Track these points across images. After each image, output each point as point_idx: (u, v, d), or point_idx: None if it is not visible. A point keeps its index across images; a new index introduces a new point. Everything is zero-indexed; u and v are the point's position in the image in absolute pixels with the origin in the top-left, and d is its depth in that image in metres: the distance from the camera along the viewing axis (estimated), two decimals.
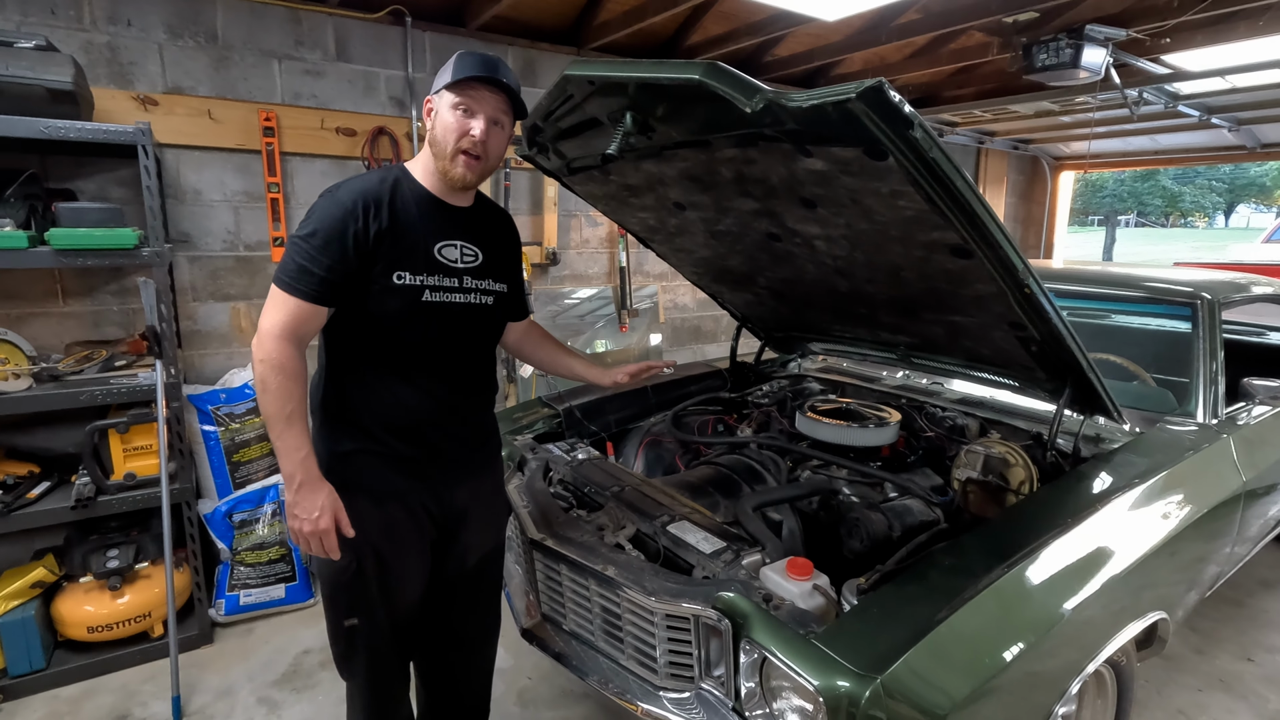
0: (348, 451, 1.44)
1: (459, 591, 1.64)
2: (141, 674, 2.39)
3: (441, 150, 1.38)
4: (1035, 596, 1.35)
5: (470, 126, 1.36)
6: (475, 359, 1.56)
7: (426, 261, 1.41)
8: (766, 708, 1.30)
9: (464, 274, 1.46)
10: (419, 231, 1.40)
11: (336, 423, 1.45)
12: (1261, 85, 4.21)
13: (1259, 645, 2.59)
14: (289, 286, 1.31)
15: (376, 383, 1.43)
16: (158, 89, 2.75)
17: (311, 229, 1.32)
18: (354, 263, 1.33)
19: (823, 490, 1.88)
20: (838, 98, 1.07)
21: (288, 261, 1.32)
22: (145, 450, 2.44)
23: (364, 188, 1.36)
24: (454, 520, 1.57)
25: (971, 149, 6.39)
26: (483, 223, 1.53)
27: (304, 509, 1.31)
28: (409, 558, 1.51)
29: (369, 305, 1.36)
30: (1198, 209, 36.37)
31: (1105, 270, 2.95)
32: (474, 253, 1.48)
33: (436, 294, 1.41)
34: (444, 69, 1.38)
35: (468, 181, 1.40)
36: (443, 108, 1.37)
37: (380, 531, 1.45)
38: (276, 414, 1.29)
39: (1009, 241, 1.33)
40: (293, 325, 1.31)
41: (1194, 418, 2.07)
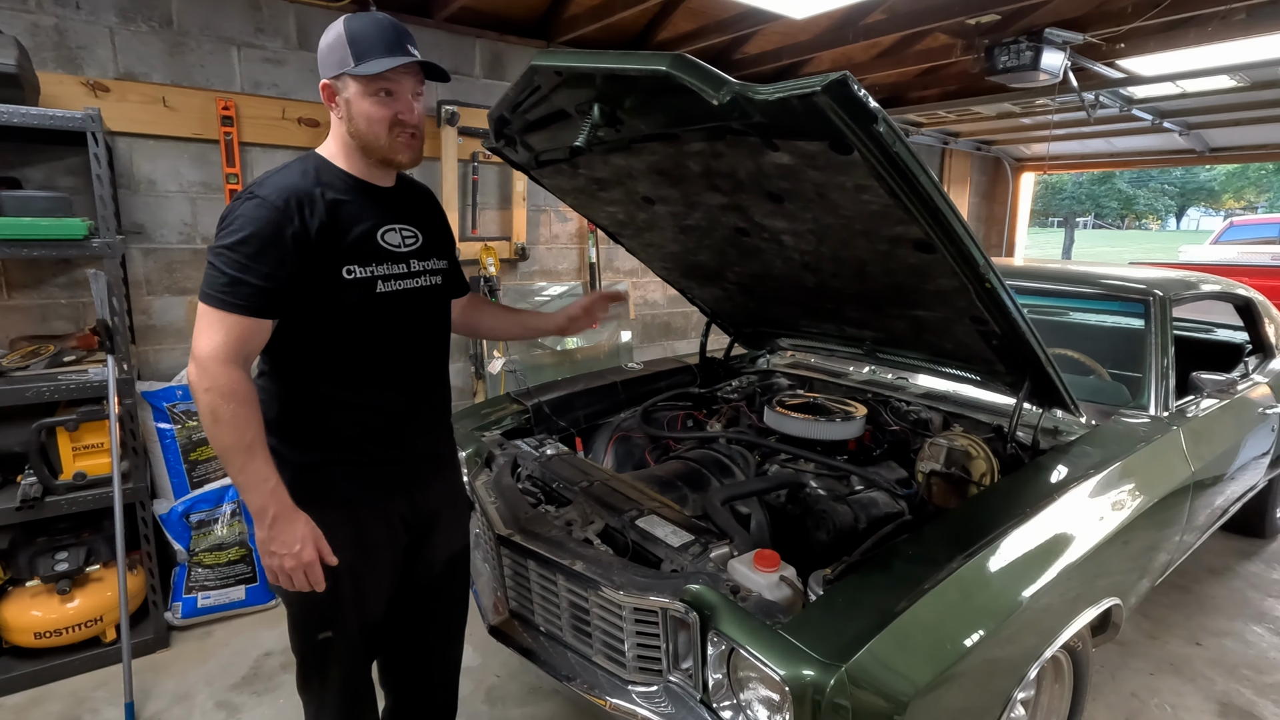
0: (316, 463, 1.35)
1: (428, 593, 1.59)
2: (93, 680, 2.31)
3: (372, 141, 1.29)
4: (995, 585, 1.38)
5: (398, 109, 1.28)
6: (435, 345, 1.50)
7: (373, 251, 1.32)
8: (734, 698, 1.30)
9: (409, 257, 1.39)
10: (358, 220, 1.31)
11: (299, 438, 1.34)
12: (1210, 91, 4.37)
13: (1206, 630, 2.69)
14: (223, 302, 1.18)
15: (339, 388, 1.34)
16: (109, 75, 2.65)
17: (241, 235, 1.19)
18: (296, 266, 1.22)
19: (790, 483, 1.90)
20: (803, 91, 1.07)
21: (216, 275, 1.18)
22: (97, 449, 2.35)
23: (290, 184, 1.24)
24: (426, 522, 1.52)
25: (936, 149, 6.51)
26: (410, 201, 1.46)
27: (282, 544, 1.21)
28: (381, 566, 1.45)
29: (319, 308, 1.27)
30: (1151, 211, 37.61)
31: (1064, 268, 3.03)
32: (413, 233, 1.41)
33: (389, 283, 1.34)
34: (334, 46, 1.25)
35: (415, 162, 1.35)
36: (356, 98, 1.26)
37: (354, 544, 1.37)
38: (234, 445, 1.17)
39: (970, 236, 1.35)
40: (235, 345, 1.19)
41: (1146, 411, 2.13)
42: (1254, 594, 2.95)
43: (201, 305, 1.20)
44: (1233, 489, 2.42)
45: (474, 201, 3.70)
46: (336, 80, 1.28)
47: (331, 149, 1.35)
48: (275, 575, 1.25)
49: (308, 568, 1.23)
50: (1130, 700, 2.29)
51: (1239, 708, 2.27)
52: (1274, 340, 3.01)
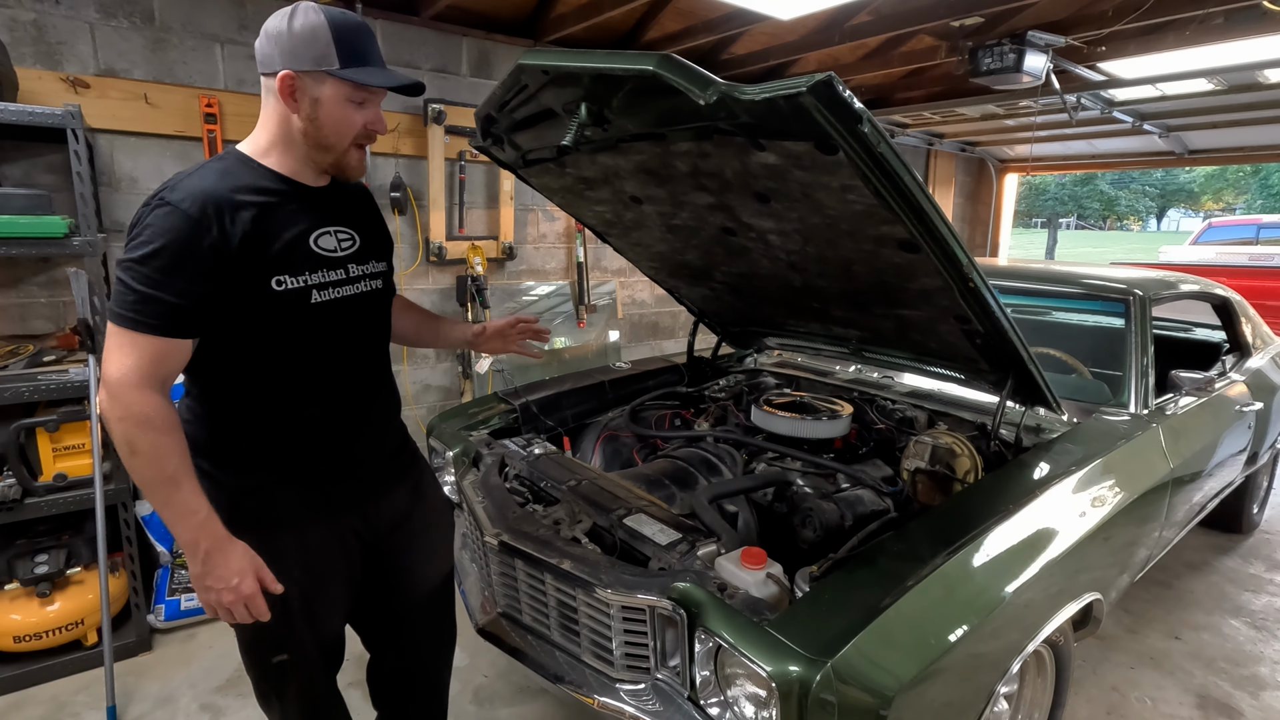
0: (254, 486, 1.26)
1: (411, 604, 1.54)
2: (74, 684, 2.28)
3: (333, 145, 1.21)
4: (979, 580, 1.39)
5: (369, 121, 1.22)
6: (377, 351, 1.41)
7: (305, 258, 1.21)
8: (721, 695, 1.31)
9: (347, 262, 1.28)
10: (288, 225, 1.19)
11: (234, 460, 1.25)
12: (1188, 94, 4.44)
13: (1185, 624, 2.74)
14: (134, 321, 1.06)
15: (275, 406, 1.24)
16: (89, 71, 2.62)
17: (151, 248, 1.06)
18: (216, 280, 1.10)
19: (777, 482, 1.91)
20: (789, 91, 1.08)
21: (124, 292, 1.07)
22: (78, 450, 2.32)
23: (207, 188, 1.11)
24: (388, 533, 1.44)
25: (922, 150, 6.57)
26: (344, 200, 1.34)
27: (218, 578, 1.12)
28: (334, 586, 1.38)
29: (247, 323, 1.16)
30: (1132, 213, 38.15)
31: (1046, 268, 3.07)
32: (350, 236, 1.30)
33: (325, 292, 1.23)
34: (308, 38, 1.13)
35: (360, 170, 1.28)
36: (332, 101, 1.17)
37: (303, 568, 1.29)
38: (155, 478, 1.08)
39: (954, 236, 1.37)
40: (149, 367, 1.07)
41: (1127, 408, 2.16)
42: (1231, 588, 3.00)
43: (110, 325, 1.08)
44: (1210, 485, 2.46)
45: (461, 200, 3.69)
46: (309, 75, 1.15)
47: (260, 145, 1.22)
48: (213, 610, 1.17)
49: (248, 600, 1.15)
50: (1111, 694, 2.33)
51: (1217, 700, 2.31)
52: (1250, 339, 3.07)
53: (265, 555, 1.22)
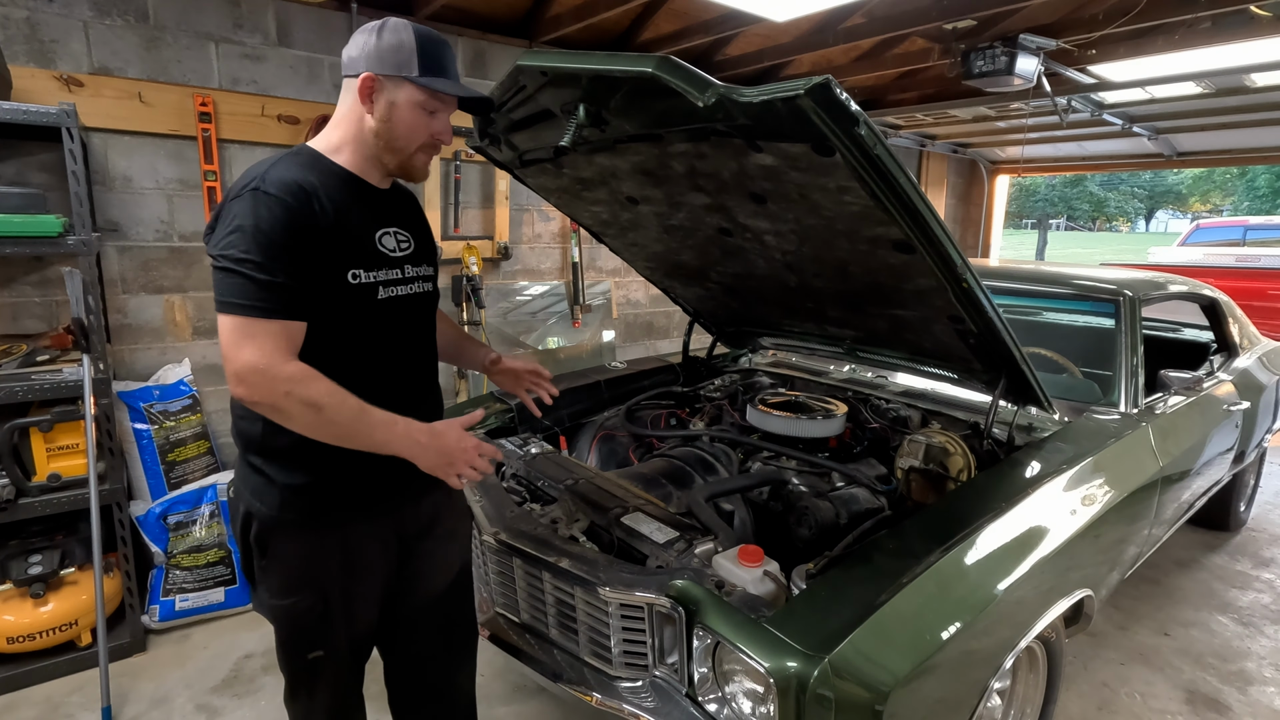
0: (302, 485, 1.27)
1: (429, 606, 1.52)
2: (69, 685, 2.27)
3: (402, 149, 1.26)
4: (972, 577, 1.41)
5: (438, 131, 1.28)
6: (427, 353, 1.46)
7: (373, 255, 1.27)
8: (719, 691, 1.33)
9: (404, 262, 1.34)
10: (359, 221, 1.25)
11: (284, 455, 1.26)
12: (1177, 97, 4.48)
13: (1174, 620, 2.77)
14: (263, 310, 1.10)
15: None
16: (83, 69, 2.61)
17: (259, 239, 1.11)
18: (310, 264, 1.15)
19: (773, 480, 1.92)
20: (787, 94, 1.09)
21: (241, 283, 1.10)
22: (71, 450, 2.31)
23: (295, 178, 1.16)
24: (419, 534, 1.45)
25: (914, 151, 6.60)
26: (402, 204, 1.40)
27: (450, 454, 1.20)
28: (372, 584, 1.39)
29: (321, 315, 1.19)
30: (1121, 214, 38.45)
31: (1037, 269, 3.10)
32: (406, 238, 1.36)
33: (388, 289, 1.29)
34: (395, 46, 1.21)
35: (425, 175, 1.33)
36: (404, 103, 1.23)
37: (343, 565, 1.32)
38: (348, 418, 1.13)
39: (948, 237, 1.38)
40: (286, 346, 1.13)
41: (1117, 407, 2.19)
42: (1219, 585, 3.04)
43: (232, 319, 1.10)
44: (1199, 484, 2.49)
45: (456, 200, 3.69)
46: (389, 79, 1.22)
47: (331, 142, 1.27)
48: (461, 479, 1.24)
49: (479, 450, 1.23)
50: (1102, 689, 2.36)
51: (1205, 695, 2.34)
52: (1238, 340, 3.11)
53: (309, 553, 1.28)
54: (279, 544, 1.30)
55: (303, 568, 1.30)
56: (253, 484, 1.29)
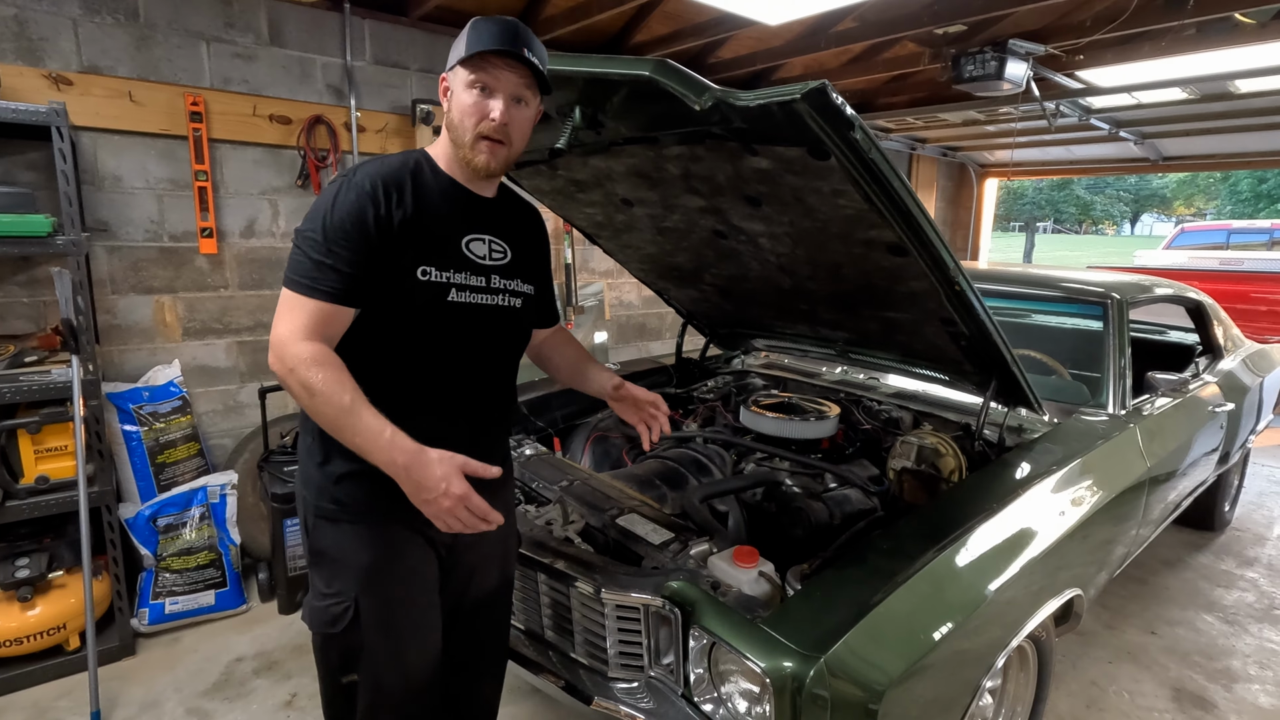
0: (342, 474, 1.23)
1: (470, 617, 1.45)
2: (57, 689, 2.25)
3: (460, 136, 1.21)
4: (964, 578, 1.42)
5: (489, 108, 1.18)
6: (498, 370, 1.36)
7: (454, 256, 1.24)
8: (715, 692, 1.33)
9: (492, 272, 1.29)
10: (446, 222, 1.24)
11: (332, 442, 1.18)
12: (1162, 102, 4.55)
13: (1161, 619, 2.80)
14: (307, 287, 1.13)
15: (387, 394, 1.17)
16: (72, 67, 2.58)
17: (326, 221, 1.14)
18: (375, 254, 1.15)
19: (766, 481, 1.93)
20: (783, 98, 1.10)
21: (300, 260, 1.14)
22: (60, 452, 2.29)
23: (383, 171, 1.20)
24: (465, 548, 1.37)
25: (904, 154, 6.65)
26: (509, 216, 1.37)
27: (427, 489, 1.08)
28: (417, 592, 1.29)
29: (385, 306, 1.19)
30: (1108, 217, 38.86)
31: (1026, 271, 3.13)
32: (502, 249, 1.32)
33: (463, 293, 1.24)
34: (459, 40, 1.20)
35: (490, 169, 1.23)
36: (458, 87, 1.20)
37: (380, 568, 1.24)
38: (336, 412, 1.08)
39: (941, 240, 1.40)
40: (316, 327, 1.13)
41: (1105, 409, 2.22)
42: (1204, 584, 3.08)
43: (284, 291, 1.15)
44: (1185, 484, 2.52)
45: None
46: (450, 72, 1.22)
47: (438, 149, 1.29)
48: (445, 526, 1.11)
49: (464, 501, 1.08)
50: (1090, 688, 2.38)
51: (1191, 693, 2.37)
52: (1222, 342, 3.15)
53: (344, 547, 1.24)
54: (320, 534, 1.27)
55: (339, 564, 1.25)
56: (304, 470, 1.29)
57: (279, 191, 3.13)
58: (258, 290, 3.13)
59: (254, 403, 3.07)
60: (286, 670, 2.36)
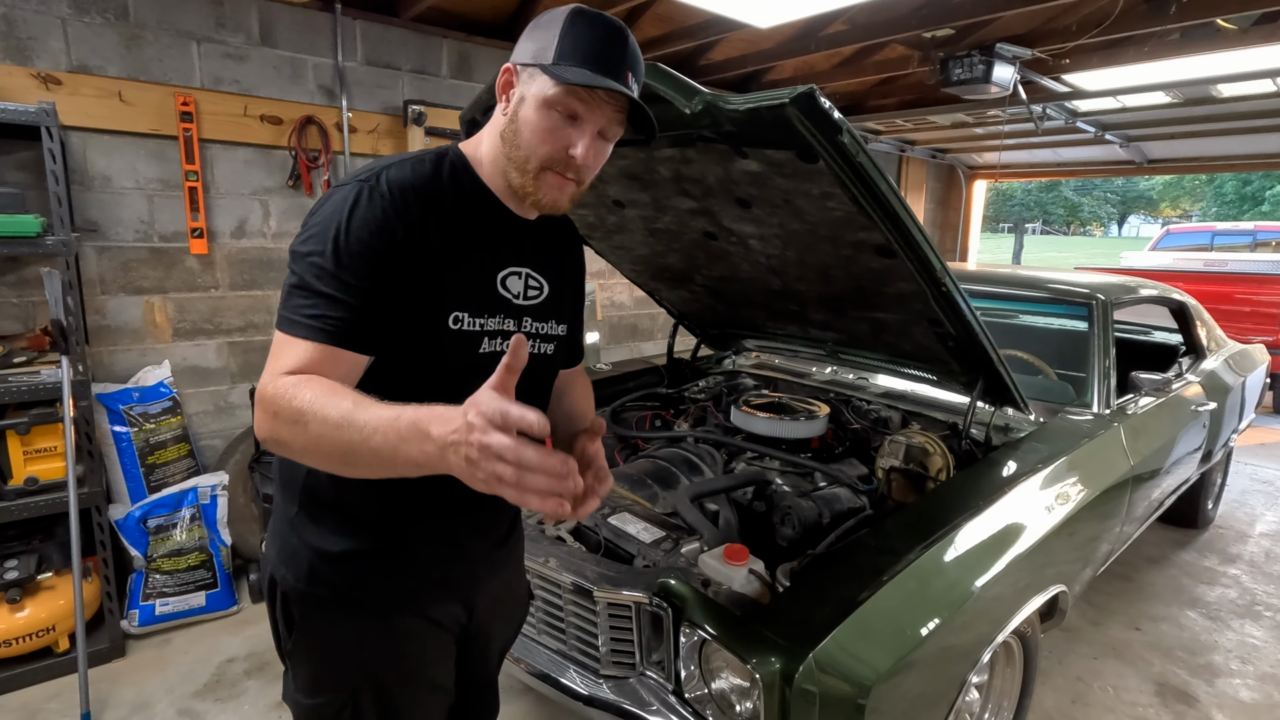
0: (340, 553, 0.99)
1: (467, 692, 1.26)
2: (46, 691, 2.24)
3: (521, 158, 0.93)
4: (951, 574, 1.45)
5: (571, 140, 0.91)
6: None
7: (489, 298, 0.98)
8: (705, 688, 1.35)
9: (525, 313, 1.03)
10: (484, 253, 0.97)
11: (325, 513, 1.00)
12: (1147, 106, 4.61)
13: (1145, 615, 2.85)
14: (306, 326, 0.83)
15: None
16: (61, 67, 2.57)
17: (339, 237, 0.84)
18: (400, 288, 0.87)
19: (757, 480, 1.95)
20: (772, 102, 1.12)
21: (297, 290, 0.84)
22: (49, 453, 2.28)
23: (415, 180, 0.91)
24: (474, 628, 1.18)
25: (894, 156, 6.70)
26: (550, 242, 1.10)
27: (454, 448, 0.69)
28: (422, 690, 1.09)
29: (403, 358, 0.91)
30: (1095, 219, 39.24)
31: (1013, 273, 3.17)
32: (539, 285, 1.05)
33: (494, 341, 0.98)
34: (541, 28, 0.91)
35: (558, 208, 0.97)
36: (533, 98, 0.90)
37: (386, 658, 1.03)
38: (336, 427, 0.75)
39: (927, 242, 1.42)
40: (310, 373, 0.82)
41: (1090, 408, 2.25)
42: (1188, 581, 3.13)
43: (276, 335, 0.85)
44: (1168, 482, 2.56)
45: None
46: (524, 69, 0.93)
47: (478, 148, 1.00)
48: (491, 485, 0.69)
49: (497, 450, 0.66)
50: (1076, 683, 2.42)
51: (1174, 688, 2.41)
52: (1205, 342, 3.20)
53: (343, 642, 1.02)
54: (307, 625, 1.02)
55: (334, 660, 1.03)
56: (281, 544, 1.03)
57: (270, 192, 3.13)
58: (248, 291, 3.12)
59: (245, 403, 3.07)
60: (278, 671, 2.36)
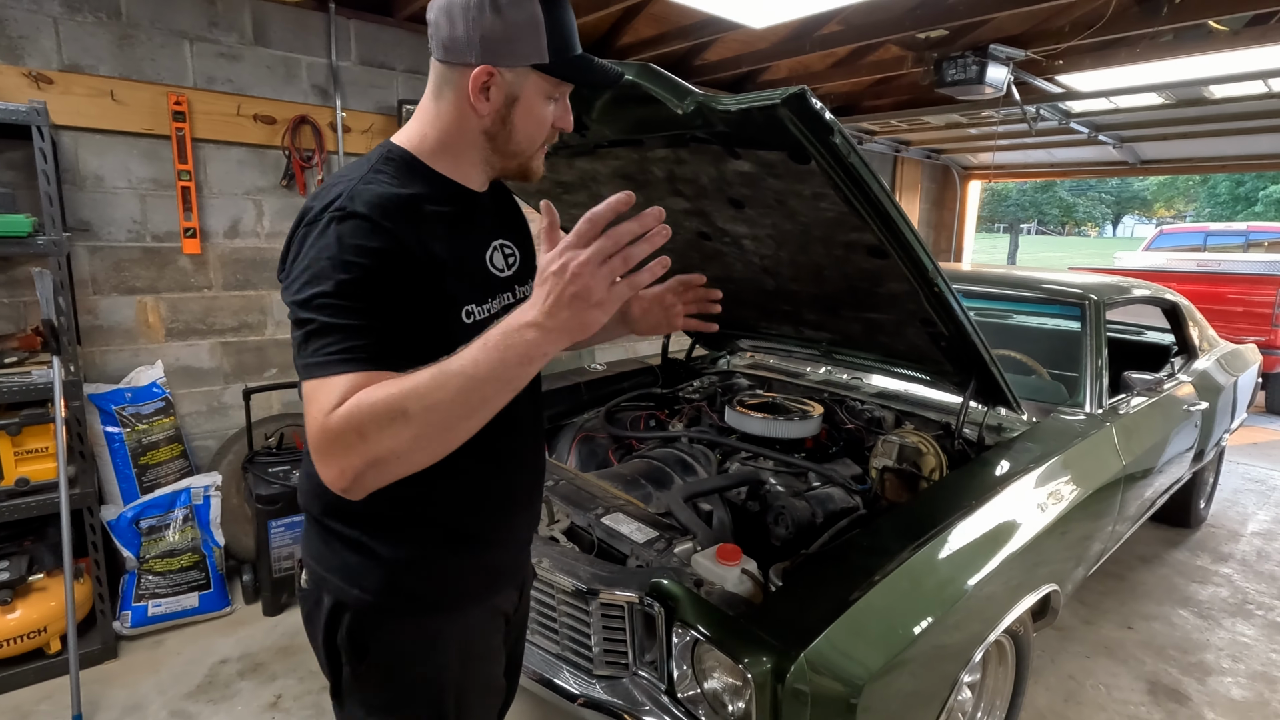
0: (408, 560, 1.00)
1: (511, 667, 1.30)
2: (37, 693, 2.23)
3: (515, 149, 0.99)
4: (943, 574, 1.45)
5: (557, 116, 1.00)
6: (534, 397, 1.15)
7: (486, 282, 1.01)
8: (698, 688, 1.35)
9: (513, 284, 1.06)
10: (467, 240, 0.99)
11: (384, 525, 1.00)
12: (1139, 107, 4.63)
13: (1137, 614, 2.86)
14: (339, 361, 0.80)
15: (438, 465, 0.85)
16: (52, 66, 2.56)
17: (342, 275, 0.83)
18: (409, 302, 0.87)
19: (750, 480, 1.95)
20: (764, 103, 1.12)
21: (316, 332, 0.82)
22: (41, 453, 2.27)
23: (391, 195, 0.89)
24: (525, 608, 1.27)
25: (889, 157, 6.71)
26: (503, 208, 1.13)
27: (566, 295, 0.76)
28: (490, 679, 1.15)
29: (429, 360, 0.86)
30: (1090, 219, 39.40)
31: (1007, 273, 3.18)
32: (512, 251, 1.09)
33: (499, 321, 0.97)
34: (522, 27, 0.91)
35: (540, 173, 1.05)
36: (533, 96, 0.95)
37: (460, 659, 1.06)
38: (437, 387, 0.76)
39: (919, 242, 1.42)
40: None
41: (1082, 408, 2.26)
42: (1180, 580, 3.14)
43: (306, 385, 0.82)
44: (1160, 481, 2.57)
45: None
46: (512, 72, 0.93)
47: (428, 144, 0.98)
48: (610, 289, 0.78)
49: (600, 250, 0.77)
50: (1068, 681, 2.42)
51: (1166, 686, 2.42)
52: (1197, 342, 3.21)
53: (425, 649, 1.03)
54: (385, 641, 1.01)
55: (417, 671, 1.03)
56: (343, 563, 1.00)
57: (264, 192, 3.12)
58: (242, 291, 3.11)
59: (238, 404, 3.06)
60: (271, 672, 2.35)
